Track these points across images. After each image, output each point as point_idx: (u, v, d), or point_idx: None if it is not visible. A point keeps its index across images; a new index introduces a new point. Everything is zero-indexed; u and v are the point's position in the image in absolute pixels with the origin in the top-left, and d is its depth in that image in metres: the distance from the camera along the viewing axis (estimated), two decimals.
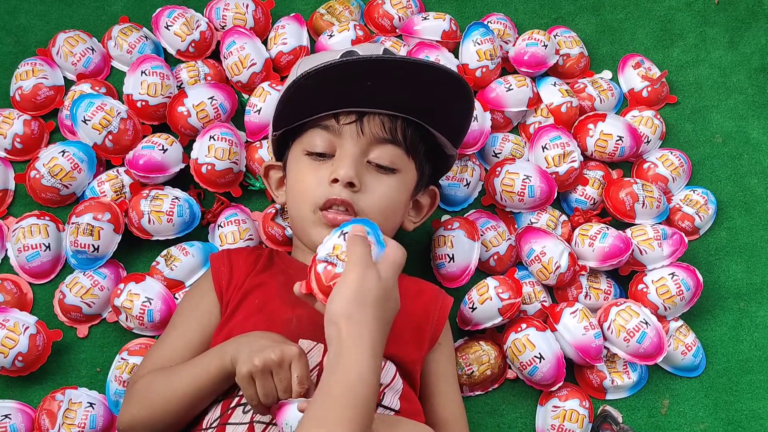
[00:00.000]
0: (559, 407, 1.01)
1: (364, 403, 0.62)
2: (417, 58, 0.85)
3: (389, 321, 0.69)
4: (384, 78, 0.83)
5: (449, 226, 1.05)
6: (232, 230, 1.03)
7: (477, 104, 1.08)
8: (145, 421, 0.80)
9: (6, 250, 1.05)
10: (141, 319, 0.97)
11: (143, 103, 1.07)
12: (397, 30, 1.20)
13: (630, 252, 1.03)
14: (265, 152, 1.08)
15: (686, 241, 1.06)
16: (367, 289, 0.66)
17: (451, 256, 1.04)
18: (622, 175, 1.15)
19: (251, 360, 0.71)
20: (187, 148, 1.08)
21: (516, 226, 1.10)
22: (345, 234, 0.72)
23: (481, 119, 1.10)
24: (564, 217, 1.11)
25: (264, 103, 1.08)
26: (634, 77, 1.21)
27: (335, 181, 0.84)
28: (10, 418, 0.94)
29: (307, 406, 0.67)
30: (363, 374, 0.63)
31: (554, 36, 1.21)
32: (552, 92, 1.15)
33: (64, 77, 1.14)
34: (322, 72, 0.81)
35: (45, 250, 1.02)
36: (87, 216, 0.99)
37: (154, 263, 1.02)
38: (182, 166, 1.06)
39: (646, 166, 1.15)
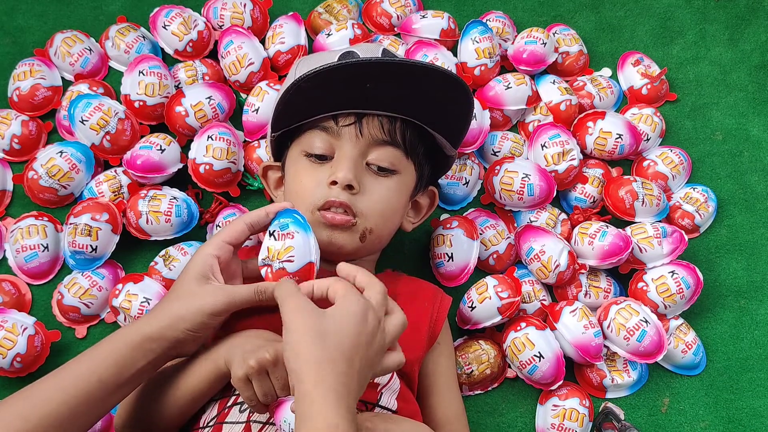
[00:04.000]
0: (559, 406, 1.00)
1: None
2: (416, 60, 0.85)
3: (350, 356, 0.64)
4: (383, 80, 0.82)
5: (448, 225, 1.05)
6: None
7: (476, 102, 1.08)
8: (141, 423, 0.80)
9: (4, 251, 1.05)
10: None
11: (141, 103, 1.07)
12: (395, 28, 1.20)
13: (630, 250, 1.03)
14: (263, 152, 1.07)
15: (686, 239, 1.06)
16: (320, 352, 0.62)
17: (450, 255, 1.03)
18: (621, 173, 1.15)
19: (246, 362, 0.71)
20: (185, 148, 1.08)
21: (515, 224, 1.09)
22: (273, 233, 0.77)
23: (480, 118, 1.10)
24: (563, 216, 1.10)
25: (262, 102, 1.08)
26: (634, 75, 1.21)
27: (334, 183, 0.83)
28: None
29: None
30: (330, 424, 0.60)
31: (553, 34, 1.21)
32: (551, 90, 1.15)
33: (62, 78, 1.14)
34: (320, 74, 0.81)
35: (43, 251, 1.02)
36: (85, 216, 0.99)
37: (152, 263, 1.02)
38: (180, 166, 1.06)
39: (645, 163, 1.14)
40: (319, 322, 0.64)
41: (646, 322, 1.00)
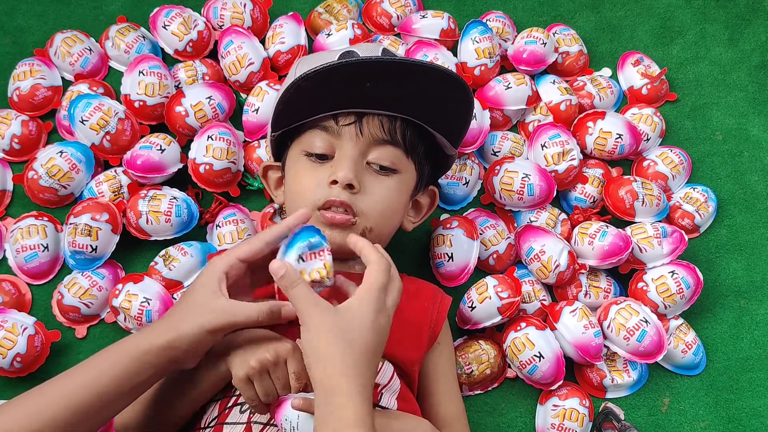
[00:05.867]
0: (559, 406, 1.00)
1: None
2: (415, 59, 0.85)
3: (374, 346, 0.67)
4: (383, 79, 0.82)
5: (448, 225, 1.05)
6: (231, 230, 1.03)
7: (476, 102, 1.08)
8: (141, 423, 0.80)
9: (4, 251, 1.05)
10: (139, 319, 0.97)
11: (141, 103, 1.07)
12: (395, 28, 1.20)
13: (630, 250, 1.03)
14: (263, 151, 1.07)
15: (686, 239, 1.06)
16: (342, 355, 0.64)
17: (450, 255, 1.03)
18: (621, 173, 1.15)
19: (247, 362, 0.71)
20: (185, 148, 1.08)
21: (515, 224, 1.09)
22: (302, 256, 0.72)
23: (480, 117, 1.10)
24: (563, 216, 1.10)
25: (262, 102, 1.08)
26: (634, 75, 1.21)
27: (334, 182, 0.83)
28: None
29: (300, 403, 0.68)
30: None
31: (553, 34, 1.21)
32: (551, 90, 1.15)
33: (62, 77, 1.14)
34: (320, 74, 0.81)
35: (43, 251, 1.02)
36: (85, 216, 0.99)
37: (152, 263, 1.02)
38: (180, 166, 1.06)
39: (645, 163, 1.14)
40: (337, 319, 0.65)
41: (646, 322, 1.00)
